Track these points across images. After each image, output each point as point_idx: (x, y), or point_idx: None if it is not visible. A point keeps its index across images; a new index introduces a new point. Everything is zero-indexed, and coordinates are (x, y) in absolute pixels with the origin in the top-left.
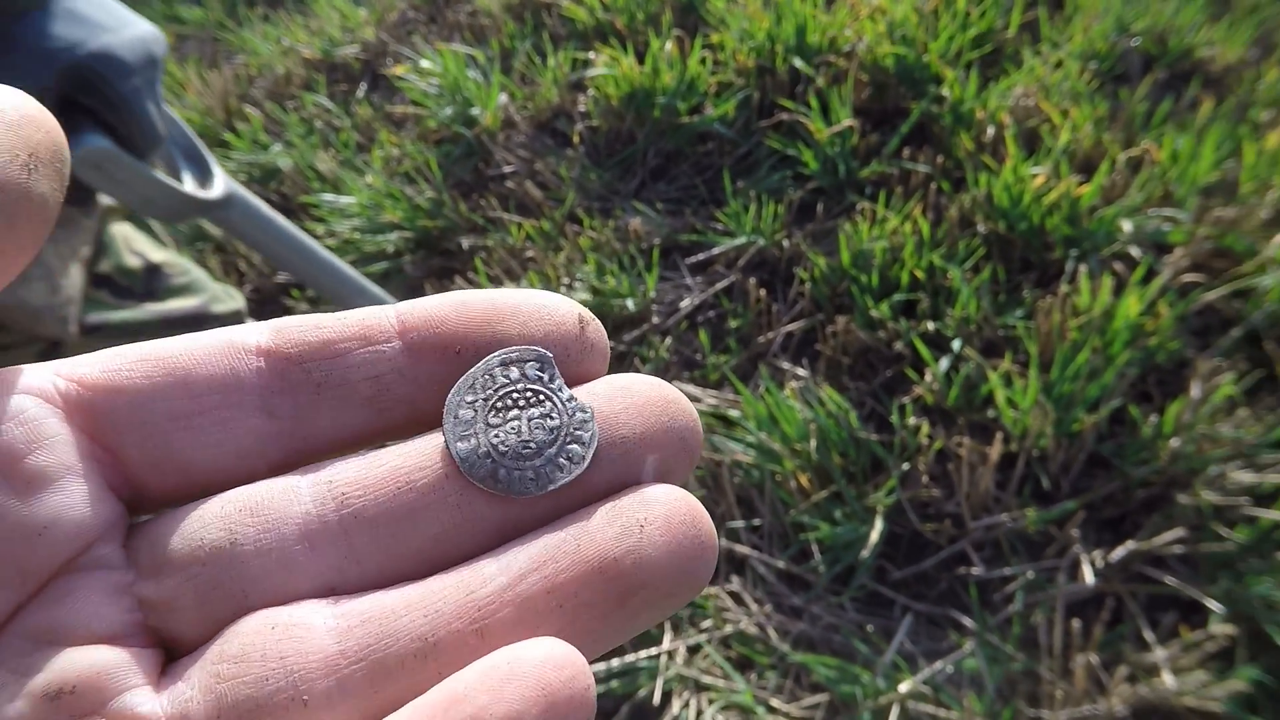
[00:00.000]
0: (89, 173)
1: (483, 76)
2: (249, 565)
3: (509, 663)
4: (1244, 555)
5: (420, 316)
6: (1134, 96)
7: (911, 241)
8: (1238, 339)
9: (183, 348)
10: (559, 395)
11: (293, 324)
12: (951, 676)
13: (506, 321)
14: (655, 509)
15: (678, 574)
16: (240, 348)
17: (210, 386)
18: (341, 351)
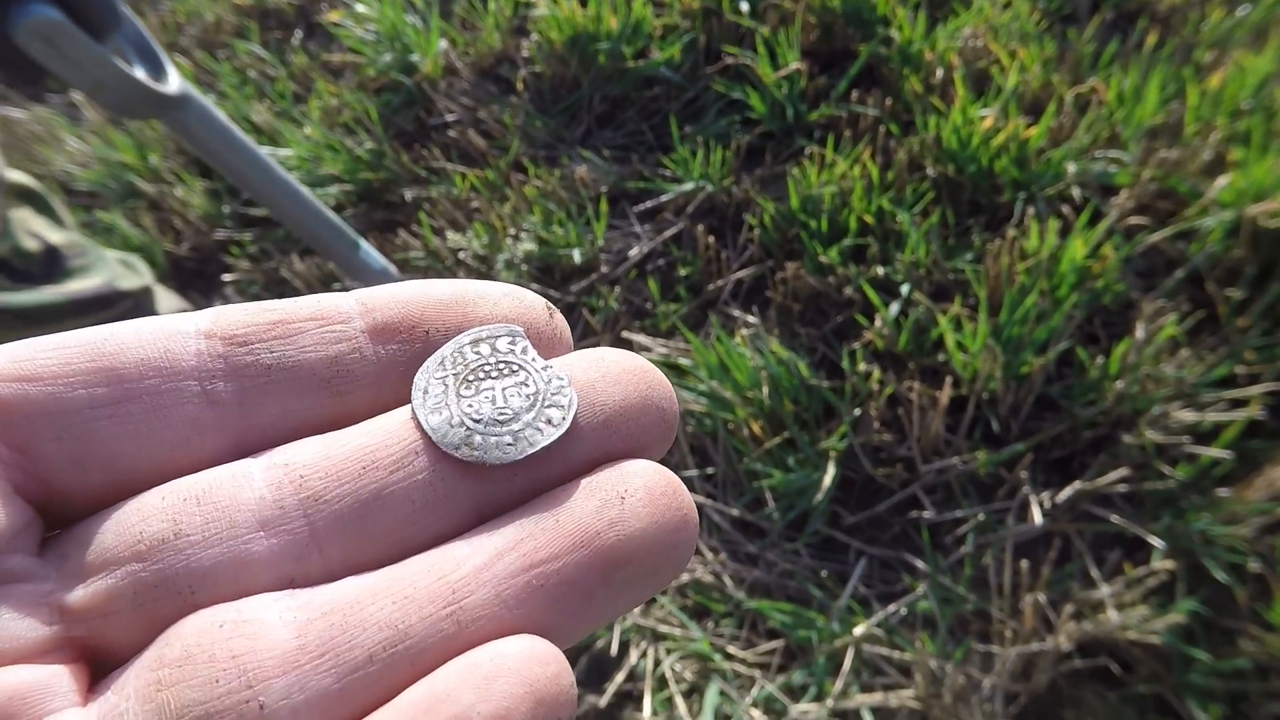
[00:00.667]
0: (37, 45)
1: (422, 22)
2: (195, 559)
3: (491, 659)
4: (1185, 492)
5: (383, 298)
6: (1082, 37)
7: (860, 186)
8: (1180, 280)
9: (108, 333)
10: (533, 365)
11: (237, 308)
12: (905, 618)
13: (476, 304)
14: (635, 480)
15: (661, 547)
16: (176, 331)
17: (140, 371)
18: (294, 331)
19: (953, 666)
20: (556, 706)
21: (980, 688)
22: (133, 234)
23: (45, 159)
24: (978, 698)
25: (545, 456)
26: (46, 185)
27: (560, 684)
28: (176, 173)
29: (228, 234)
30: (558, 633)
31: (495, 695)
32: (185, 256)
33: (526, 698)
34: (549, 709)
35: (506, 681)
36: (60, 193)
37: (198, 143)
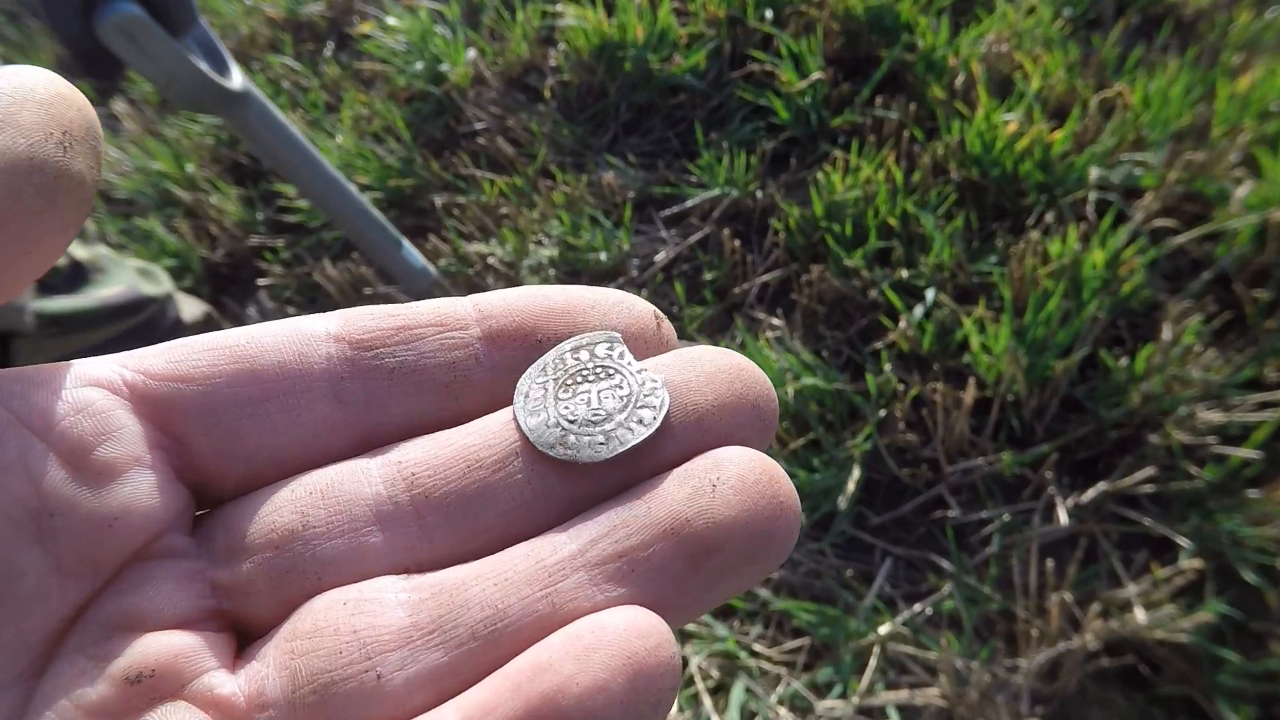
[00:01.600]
0: (119, 41)
1: (451, 32)
2: (321, 548)
3: (592, 631)
4: (1213, 493)
5: (499, 305)
6: (1106, 41)
7: (885, 190)
8: (1208, 282)
9: (249, 336)
10: (628, 368)
11: (363, 312)
12: (930, 618)
13: (587, 313)
14: (729, 469)
15: (754, 536)
16: (309, 334)
17: (278, 373)
18: (416, 337)
19: (978, 666)
20: (655, 678)
21: (1006, 687)
22: (169, 240)
23: None
24: (1004, 697)
25: (637, 454)
26: None
27: (659, 656)
28: (212, 180)
29: (261, 240)
30: None
31: (593, 666)
32: (220, 262)
33: (624, 669)
34: (648, 681)
35: (606, 652)
36: (100, 201)
37: (255, 138)
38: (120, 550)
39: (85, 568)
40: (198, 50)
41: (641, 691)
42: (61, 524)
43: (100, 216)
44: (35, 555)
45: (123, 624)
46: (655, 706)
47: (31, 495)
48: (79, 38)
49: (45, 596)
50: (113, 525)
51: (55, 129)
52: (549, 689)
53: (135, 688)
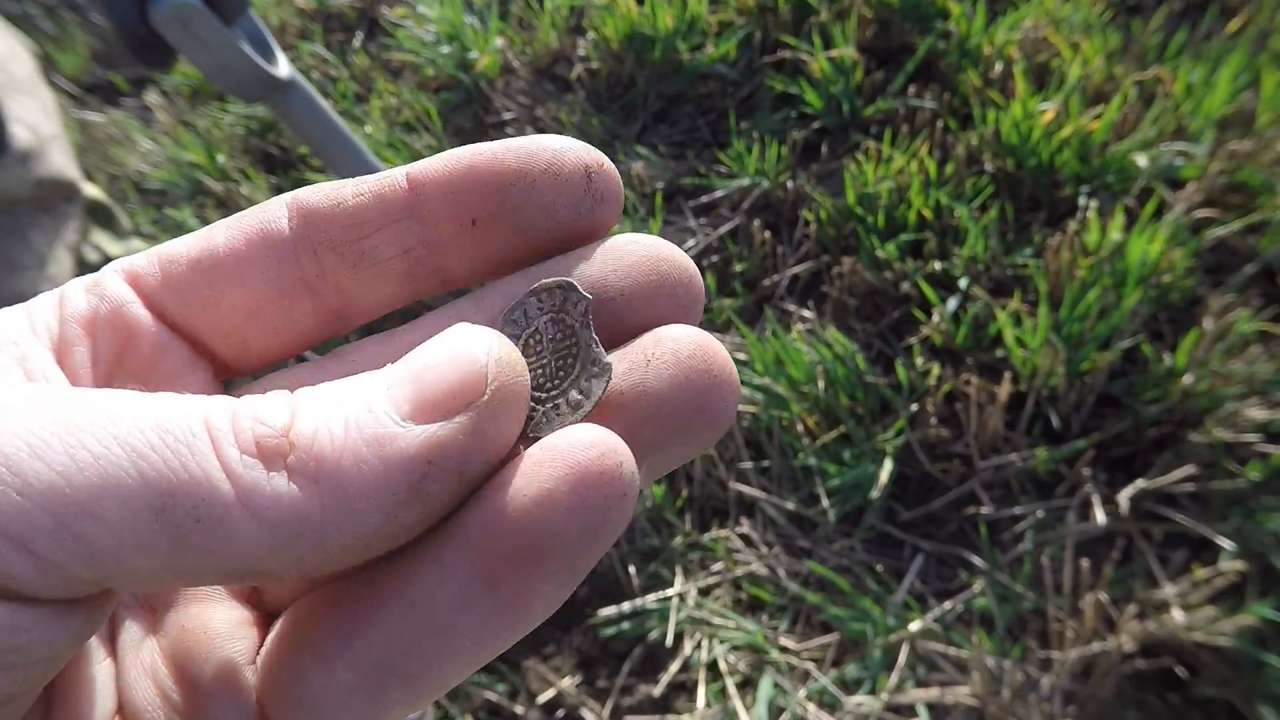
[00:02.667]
0: (175, 30)
1: (480, 21)
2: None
3: (541, 449)
4: (1255, 492)
5: (431, 182)
6: (1147, 27)
7: (918, 181)
8: (1252, 275)
9: (229, 246)
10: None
11: (314, 199)
12: (961, 615)
13: (516, 186)
14: (665, 345)
15: (689, 407)
16: (279, 239)
17: (264, 281)
18: (368, 231)
19: (1010, 665)
20: (601, 484)
21: (1039, 687)
22: None
23: (119, 160)
24: (1036, 697)
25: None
26: (121, 185)
27: (605, 463)
28: (243, 170)
29: None
30: None
31: (540, 477)
32: None
33: (568, 478)
34: (593, 487)
35: (551, 466)
36: (134, 192)
37: (299, 125)
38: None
39: None
40: (246, 39)
41: (588, 498)
42: None
43: (133, 207)
44: None
45: None
46: (605, 514)
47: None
48: (134, 26)
49: None
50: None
51: None
52: (503, 502)
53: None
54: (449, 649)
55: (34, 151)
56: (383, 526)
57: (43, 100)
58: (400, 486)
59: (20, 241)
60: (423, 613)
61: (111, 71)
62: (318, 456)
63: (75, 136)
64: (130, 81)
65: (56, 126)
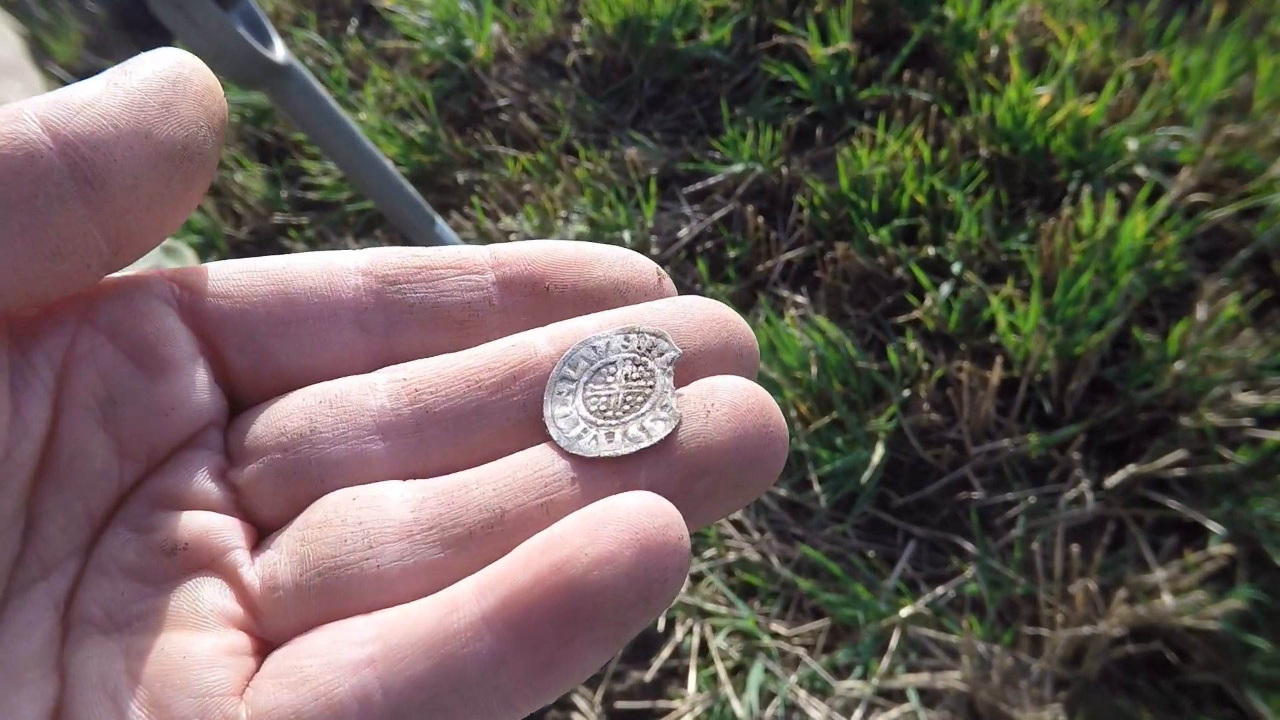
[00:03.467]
0: (170, 12)
1: (474, 7)
2: (326, 451)
3: (604, 510)
4: (1247, 477)
5: (513, 254)
6: (1144, 12)
7: (912, 166)
8: (1245, 260)
9: (285, 263)
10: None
11: (390, 251)
12: (953, 601)
13: (592, 265)
14: (722, 396)
15: (744, 461)
16: (339, 267)
17: (309, 298)
18: (437, 277)
19: (1000, 650)
20: (663, 555)
21: (1029, 672)
22: (195, 218)
23: None
24: (1026, 682)
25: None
26: None
27: (668, 535)
28: (237, 158)
29: (286, 218)
30: None
31: (603, 538)
32: (245, 240)
33: (632, 542)
34: (655, 556)
35: (615, 527)
36: None
37: (296, 112)
38: (172, 437)
39: (141, 451)
40: (242, 23)
41: (649, 566)
42: (125, 411)
43: None
44: (101, 439)
45: (164, 502)
46: (663, 585)
47: (99, 385)
48: (129, 7)
49: (107, 475)
50: (169, 415)
51: (205, 121)
52: (559, 559)
53: (171, 559)
54: (474, 707)
55: None
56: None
57: (29, 84)
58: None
59: None
60: (452, 666)
61: (105, 59)
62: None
63: None
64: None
65: None
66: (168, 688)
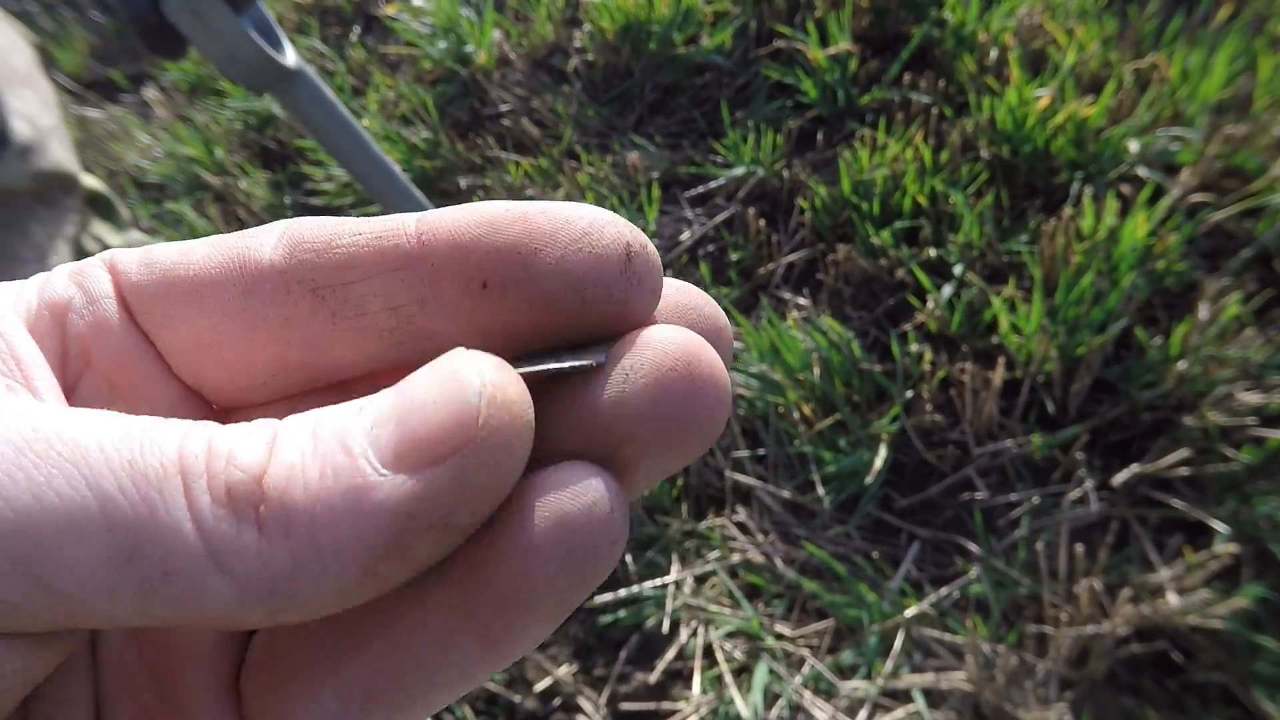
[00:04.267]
0: (186, 18)
1: (476, 14)
2: None
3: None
4: (1251, 476)
5: (443, 235)
6: (1143, 13)
7: (913, 168)
8: (1247, 259)
9: (200, 268)
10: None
11: (306, 239)
12: (957, 601)
13: (541, 254)
14: (645, 355)
15: (671, 423)
16: (254, 271)
17: (226, 316)
18: (356, 278)
19: (1005, 650)
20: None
21: (1034, 672)
22: (199, 224)
23: (118, 155)
24: (1031, 682)
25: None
26: (120, 180)
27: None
28: (241, 165)
29: None
30: None
31: (527, 530)
32: None
33: (556, 533)
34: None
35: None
36: (132, 186)
37: (305, 116)
38: None
39: None
40: (254, 28)
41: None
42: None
43: (132, 201)
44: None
45: None
46: (594, 562)
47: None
48: (145, 15)
49: None
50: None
51: None
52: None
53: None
54: (433, 682)
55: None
56: (360, 581)
57: (42, 92)
58: (378, 542)
59: (20, 235)
60: (407, 648)
61: (110, 68)
62: (289, 507)
63: (74, 132)
64: (129, 77)
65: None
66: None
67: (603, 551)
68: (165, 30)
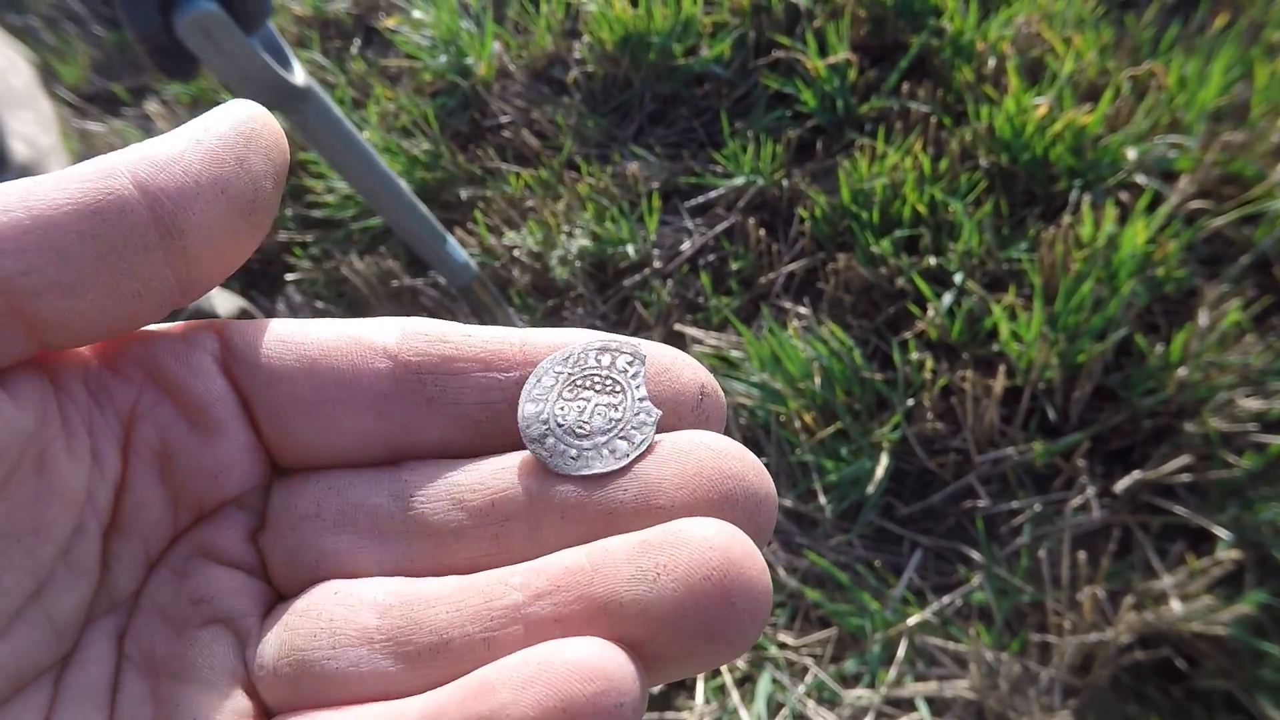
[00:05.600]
0: (197, 39)
1: (476, 26)
2: (323, 539)
3: (539, 663)
4: (1253, 482)
5: (544, 348)
6: (1140, 22)
7: (912, 177)
8: (1246, 266)
9: (315, 337)
10: (633, 392)
11: (419, 333)
12: (960, 610)
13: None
14: (680, 555)
15: (692, 636)
16: (367, 348)
17: (333, 380)
18: (460, 371)
19: (1009, 658)
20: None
21: (1037, 680)
22: None
23: None
24: (1035, 690)
25: (600, 477)
26: None
27: (600, 704)
28: None
29: (290, 235)
30: None
31: (525, 701)
32: (250, 257)
33: (556, 712)
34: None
35: (541, 690)
36: None
37: (314, 135)
38: (219, 497)
39: (192, 505)
40: (263, 48)
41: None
42: (180, 468)
43: None
44: (159, 491)
45: (201, 552)
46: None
47: (158, 441)
48: (155, 35)
49: (163, 525)
50: (218, 477)
51: (271, 174)
52: (485, 711)
53: (196, 608)
54: None
55: (32, 165)
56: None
57: (41, 112)
58: None
59: None
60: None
61: (112, 82)
62: None
63: (75, 146)
64: (131, 91)
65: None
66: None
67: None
68: (177, 51)
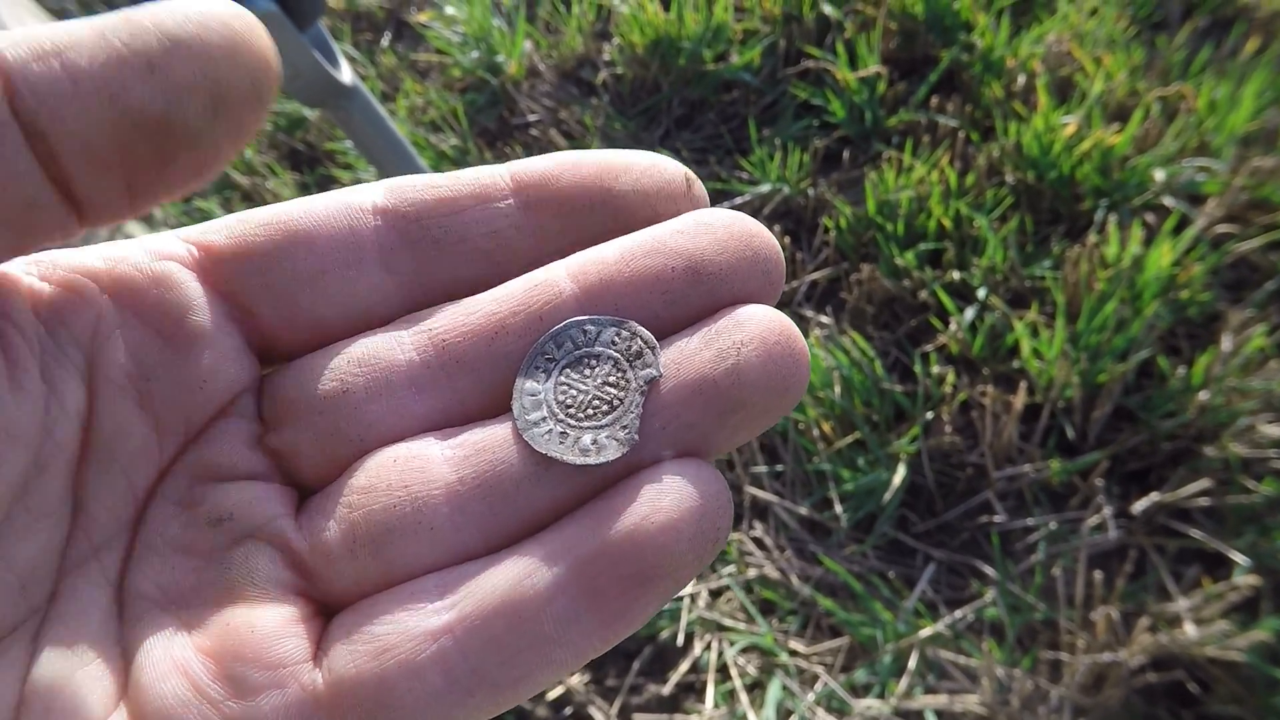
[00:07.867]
0: None
1: (507, 24)
2: (363, 412)
3: (661, 479)
4: (1271, 508)
5: (534, 174)
6: (1172, 44)
7: (938, 190)
8: (1272, 291)
9: (302, 210)
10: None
11: (406, 185)
12: (972, 624)
13: (620, 178)
14: (751, 329)
15: (774, 391)
16: (357, 208)
17: (332, 246)
18: (459, 208)
19: (1020, 674)
20: (717, 519)
21: (1048, 698)
22: None
23: None
24: (1045, 708)
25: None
26: None
27: (721, 500)
28: (270, 165)
29: None
30: None
31: (664, 508)
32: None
33: (694, 510)
34: (711, 520)
35: (678, 496)
36: None
37: (356, 131)
38: (206, 410)
39: (178, 426)
40: (314, 47)
41: (705, 529)
42: (158, 388)
43: None
44: (138, 416)
45: (205, 475)
46: (715, 542)
47: (130, 363)
48: None
49: (148, 452)
50: (202, 388)
51: (206, 89)
52: (629, 527)
53: (217, 530)
54: (547, 660)
55: None
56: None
57: None
58: None
59: None
60: (529, 627)
61: None
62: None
63: None
64: None
65: None
66: (239, 661)
67: (721, 536)
68: None
